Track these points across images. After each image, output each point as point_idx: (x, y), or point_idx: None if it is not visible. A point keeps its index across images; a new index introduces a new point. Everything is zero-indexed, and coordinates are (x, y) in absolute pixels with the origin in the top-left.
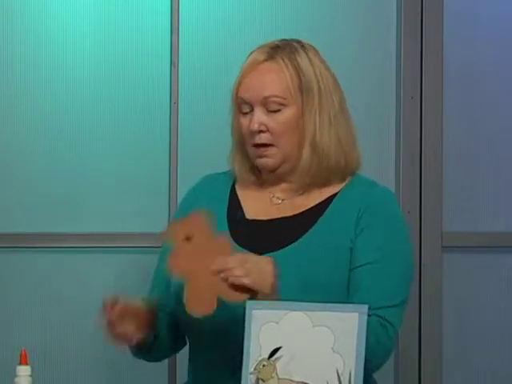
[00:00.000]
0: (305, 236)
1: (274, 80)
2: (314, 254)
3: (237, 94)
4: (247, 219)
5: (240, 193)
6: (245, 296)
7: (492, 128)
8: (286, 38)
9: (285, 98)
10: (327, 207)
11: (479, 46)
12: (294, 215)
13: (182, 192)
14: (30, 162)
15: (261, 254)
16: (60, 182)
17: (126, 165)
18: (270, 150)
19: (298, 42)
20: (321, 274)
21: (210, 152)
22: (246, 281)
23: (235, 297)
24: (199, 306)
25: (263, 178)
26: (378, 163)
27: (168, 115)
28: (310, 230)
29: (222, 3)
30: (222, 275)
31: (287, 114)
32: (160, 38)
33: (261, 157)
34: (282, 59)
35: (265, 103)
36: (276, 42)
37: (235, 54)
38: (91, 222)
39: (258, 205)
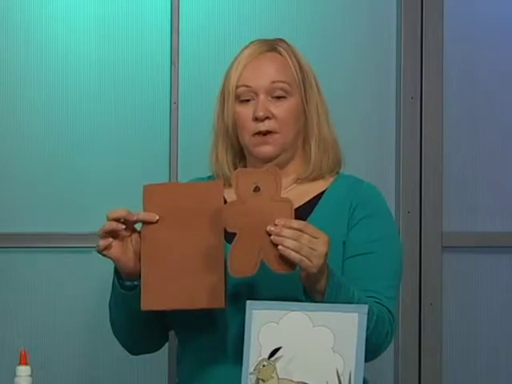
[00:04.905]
0: None
1: (281, 67)
2: None
3: (237, 82)
4: None
5: (225, 194)
6: (289, 269)
7: (492, 128)
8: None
9: (290, 85)
10: (317, 204)
11: (479, 46)
12: None
13: None
14: (30, 162)
15: None
16: (60, 182)
17: (126, 165)
18: (273, 137)
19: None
20: None
21: None
22: (294, 256)
23: (279, 267)
24: (241, 265)
25: None
26: (379, 163)
27: (168, 115)
28: None
29: (221, 3)
30: (273, 239)
31: (292, 102)
32: (160, 38)
33: (261, 144)
34: (286, 51)
35: (270, 90)
36: (270, 39)
37: (235, 54)
38: (91, 222)
39: None
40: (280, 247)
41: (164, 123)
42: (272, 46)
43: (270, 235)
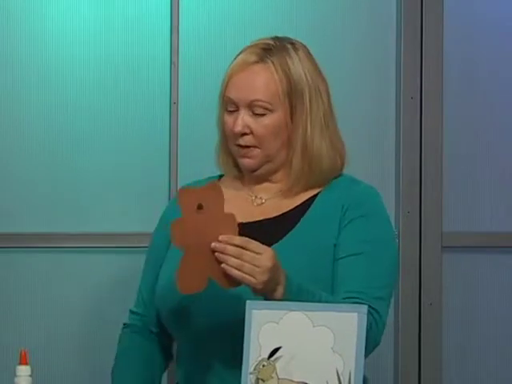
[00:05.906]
0: (287, 236)
1: (263, 84)
2: (296, 254)
3: (224, 92)
4: None
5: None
6: (235, 285)
7: (492, 128)
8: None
9: (271, 104)
10: (310, 206)
11: (479, 45)
12: (277, 216)
13: None
14: (30, 162)
15: None
16: (60, 182)
17: (126, 165)
18: (253, 152)
19: (290, 41)
20: (305, 272)
21: (210, 152)
22: (235, 274)
23: (225, 283)
24: (189, 282)
25: (245, 175)
26: (378, 163)
27: (168, 115)
28: (293, 230)
29: (221, 3)
30: (218, 256)
31: (273, 118)
32: (160, 37)
33: (243, 157)
34: (273, 62)
35: (250, 106)
36: (267, 42)
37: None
38: (91, 222)
39: (240, 207)
40: (223, 265)
41: (164, 123)
42: (261, 56)
43: (215, 252)
